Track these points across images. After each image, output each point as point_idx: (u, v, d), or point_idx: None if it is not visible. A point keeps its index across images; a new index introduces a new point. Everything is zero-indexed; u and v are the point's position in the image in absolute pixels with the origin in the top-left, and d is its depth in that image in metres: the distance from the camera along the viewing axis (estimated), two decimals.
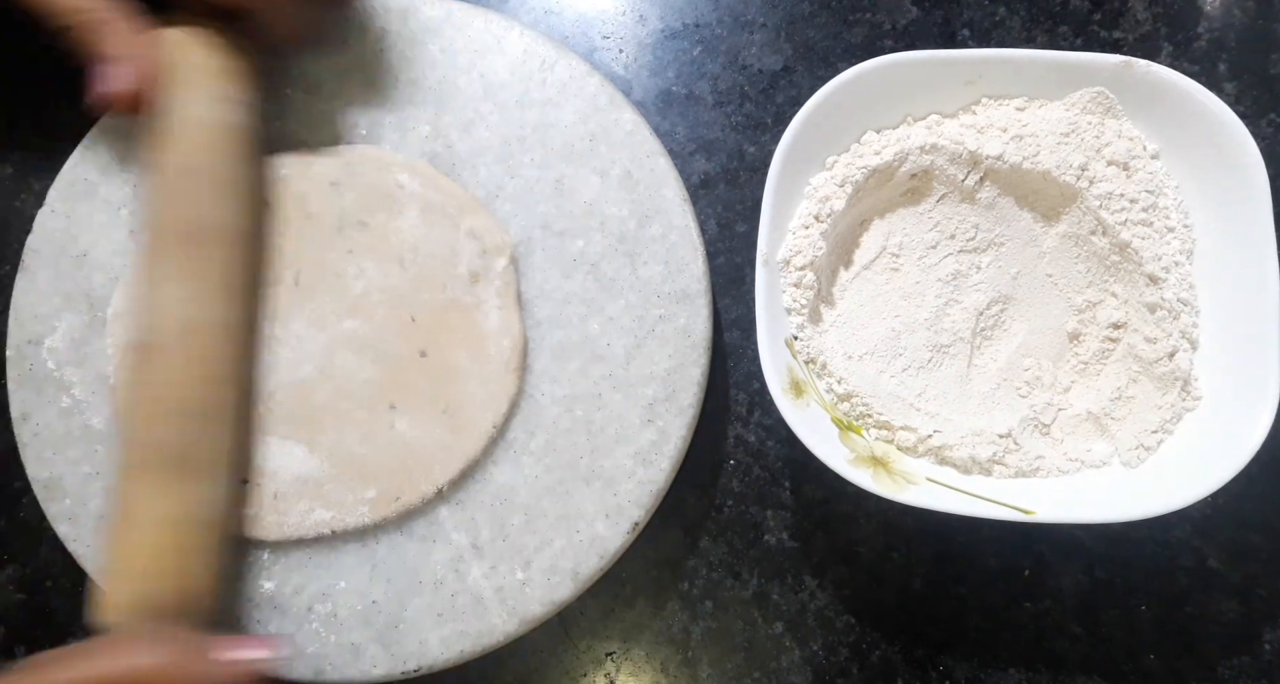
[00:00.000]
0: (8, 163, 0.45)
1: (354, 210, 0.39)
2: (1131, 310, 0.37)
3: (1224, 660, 0.39)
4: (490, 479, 0.38)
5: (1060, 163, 0.37)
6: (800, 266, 0.36)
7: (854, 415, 0.37)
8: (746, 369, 0.42)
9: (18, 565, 0.41)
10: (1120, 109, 0.38)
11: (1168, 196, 0.37)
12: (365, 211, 0.39)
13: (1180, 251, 0.37)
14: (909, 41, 0.45)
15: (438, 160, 0.40)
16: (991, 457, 0.36)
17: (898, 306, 0.39)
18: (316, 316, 0.38)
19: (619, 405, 0.38)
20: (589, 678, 0.40)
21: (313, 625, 0.36)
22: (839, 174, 0.38)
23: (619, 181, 0.39)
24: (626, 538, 0.37)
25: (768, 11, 0.45)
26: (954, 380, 0.38)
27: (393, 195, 0.39)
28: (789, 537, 0.41)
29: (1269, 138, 0.43)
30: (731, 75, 0.44)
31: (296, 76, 0.40)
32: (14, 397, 0.38)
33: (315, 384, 0.38)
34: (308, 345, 0.38)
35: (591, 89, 0.40)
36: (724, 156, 0.44)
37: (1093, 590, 0.39)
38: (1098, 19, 0.44)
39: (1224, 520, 0.40)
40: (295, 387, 0.38)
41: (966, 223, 0.39)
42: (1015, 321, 0.39)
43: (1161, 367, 0.36)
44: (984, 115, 0.38)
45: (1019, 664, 0.39)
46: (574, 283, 0.39)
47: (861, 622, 0.40)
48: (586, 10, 0.45)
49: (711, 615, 0.40)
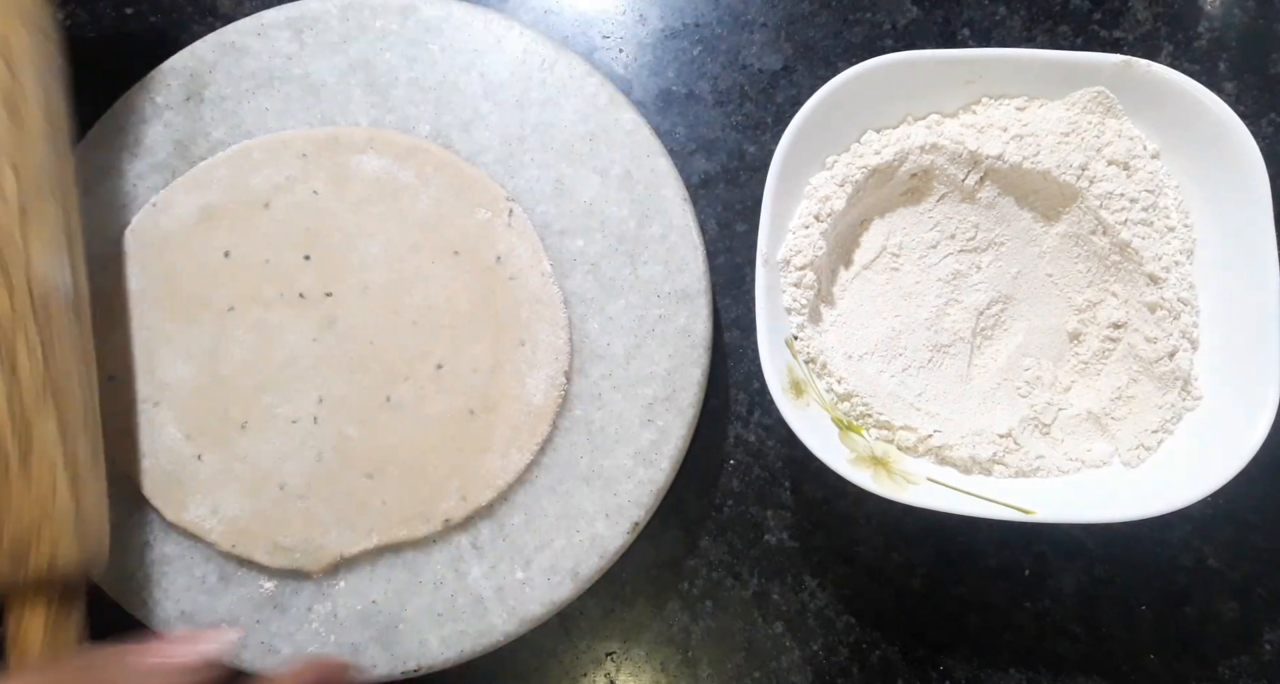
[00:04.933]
0: None
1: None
2: (1132, 310, 0.37)
3: (1224, 660, 0.39)
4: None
5: (1060, 162, 0.37)
6: (800, 266, 0.36)
7: (854, 415, 0.37)
8: (746, 369, 0.42)
9: None
10: (1120, 109, 0.38)
11: (1168, 196, 0.37)
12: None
13: (1180, 251, 0.37)
14: (909, 41, 0.45)
15: None
16: (992, 456, 0.36)
17: (898, 306, 0.39)
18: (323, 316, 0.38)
19: (619, 405, 0.38)
20: (589, 678, 0.40)
21: (313, 625, 0.36)
22: (839, 173, 0.37)
23: (619, 181, 0.39)
24: (626, 538, 0.37)
25: (768, 11, 0.45)
26: (954, 380, 0.38)
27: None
28: (789, 536, 0.41)
29: (1269, 137, 0.43)
30: (732, 75, 0.44)
31: (299, 76, 0.40)
32: None
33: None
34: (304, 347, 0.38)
35: (591, 88, 0.40)
36: (724, 156, 0.44)
37: (1093, 590, 0.39)
38: (1098, 18, 0.44)
39: (1224, 520, 0.40)
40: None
41: (967, 222, 0.39)
42: (1015, 321, 0.39)
43: (1162, 366, 0.36)
44: (984, 115, 0.38)
45: (1019, 664, 0.39)
46: (574, 282, 0.39)
47: (862, 621, 0.40)
48: (586, 10, 0.45)
49: (711, 615, 0.40)
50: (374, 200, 0.39)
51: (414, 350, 0.38)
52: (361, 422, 0.37)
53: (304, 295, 0.38)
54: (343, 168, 0.39)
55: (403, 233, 0.38)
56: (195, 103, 0.40)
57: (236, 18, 0.41)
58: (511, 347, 0.37)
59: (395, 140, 0.39)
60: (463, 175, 0.39)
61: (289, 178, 0.39)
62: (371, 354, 0.38)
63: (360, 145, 0.39)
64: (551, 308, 0.37)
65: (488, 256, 0.38)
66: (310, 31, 0.41)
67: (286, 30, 0.41)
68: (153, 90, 0.40)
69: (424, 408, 0.37)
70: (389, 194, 0.39)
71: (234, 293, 0.38)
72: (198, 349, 0.38)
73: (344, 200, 0.39)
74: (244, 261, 0.38)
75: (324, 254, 0.38)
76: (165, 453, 0.37)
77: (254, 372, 0.38)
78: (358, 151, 0.39)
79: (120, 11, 0.46)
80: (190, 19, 0.45)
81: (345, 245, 0.38)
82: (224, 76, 0.40)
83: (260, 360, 0.38)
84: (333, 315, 0.38)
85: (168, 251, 0.39)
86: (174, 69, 0.40)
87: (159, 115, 0.40)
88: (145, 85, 0.40)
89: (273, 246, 0.38)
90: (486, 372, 0.37)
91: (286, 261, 0.38)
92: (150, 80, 0.40)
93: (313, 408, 0.37)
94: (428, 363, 0.37)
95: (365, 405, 0.37)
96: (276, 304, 0.38)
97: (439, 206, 0.38)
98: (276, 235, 0.39)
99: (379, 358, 0.38)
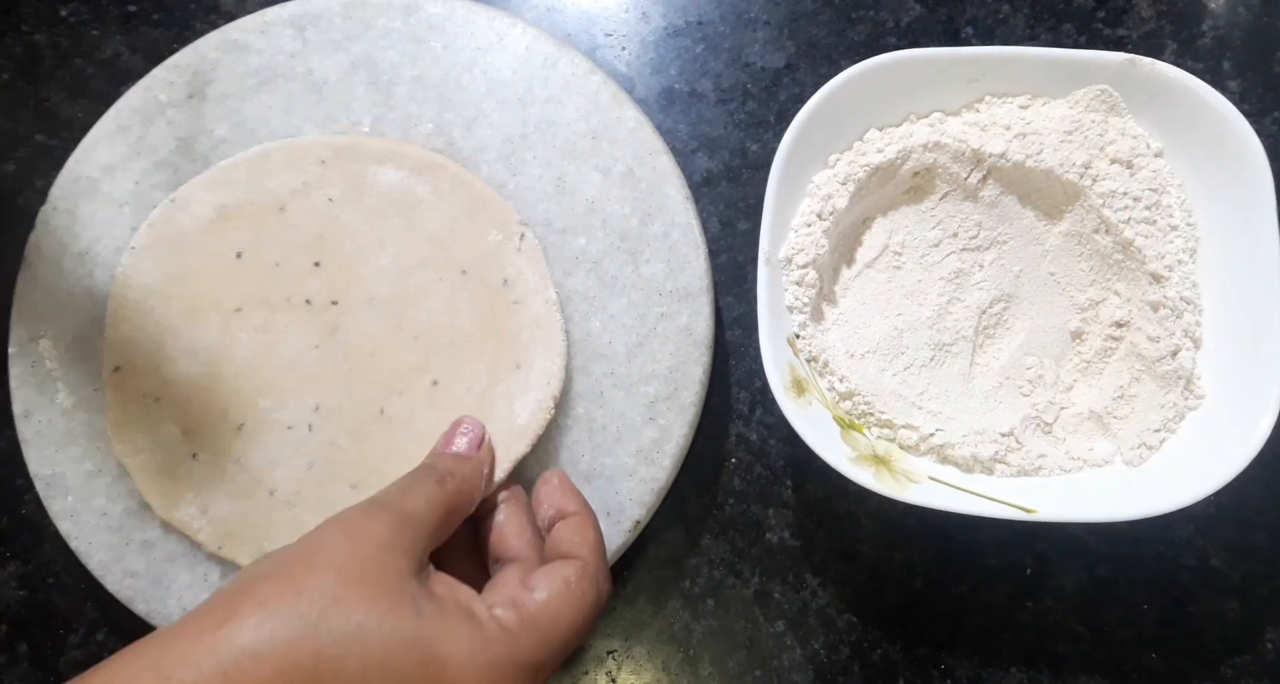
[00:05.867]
0: (10, 160, 0.45)
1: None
2: (1134, 309, 0.37)
3: (1226, 659, 0.39)
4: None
5: (1063, 161, 0.37)
6: (802, 265, 0.36)
7: (856, 414, 0.37)
8: (748, 367, 0.42)
9: (19, 562, 0.41)
10: (1124, 107, 0.37)
11: (1171, 195, 0.37)
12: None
13: (1183, 250, 0.37)
14: (912, 39, 0.44)
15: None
16: (994, 455, 0.36)
17: (900, 305, 0.39)
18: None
19: (620, 403, 0.38)
20: (590, 676, 0.40)
21: None
22: (841, 172, 0.37)
23: (621, 179, 0.39)
24: (628, 536, 0.37)
25: (771, 9, 0.45)
26: (956, 379, 0.38)
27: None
28: (791, 535, 0.41)
29: (1273, 136, 0.43)
30: (734, 73, 0.44)
31: (302, 74, 0.40)
32: (16, 394, 0.38)
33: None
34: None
35: (594, 86, 0.40)
36: (726, 154, 0.44)
37: (1095, 589, 0.39)
38: (1102, 16, 0.44)
39: (1226, 519, 0.40)
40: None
41: (969, 221, 0.39)
42: (1018, 320, 0.39)
43: (1164, 365, 0.36)
44: (987, 113, 0.38)
45: (1021, 663, 0.39)
46: (575, 281, 0.39)
47: (863, 620, 0.40)
48: (589, 7, 0.45)
49: (713, 614, 0.40)
50: (388, 212, 0.38)
51: (412, 365, 0.38)
52: (353, 432, 0.37)
53: (310, 302, 0.38)
54: (360, 177, 0.39)
55: (413, 247, 0.38)
56: (198, 100, 0.40)
57: (239, 15, 0.41)
58: (507, 369, 0.37)
59: (414, 154, 0.39)
60: (478, 195, 0.38)
61: (306, 183, 0.39)
62: (370, 366, 0.38)
63: (379, 156, 0.39)
64: (551, 334, 0.37)
65: (495, 278, 0.38)
66: (313, 29, 0.40)
67: (289, 28, 0.41)
68: (155, 87, 0.40)
69: (415, 423, 0.37)
70: (403, 207, 0.38)
71: (243, 294, 0.38)
72: (202, 347, 0.38)
73: (358, 210, 0.39)
74: (255, 263, 0.38)
75: (334, 262, 0.38)
76: (161, 448, 0.37)
77: (254, 374, 0.38)
78: (376, 162, 0.39)
79: (123, 8, 0.46)
80: (193, 16, 0.45)
81: (356, 255, 0.38)
82: (227, 74, 0.40)
83: (261, 363, 0.38)
84: (336, 324, 0.38)
85: (182, 248, 0.38)
86: (177, 66, 0.40)
87: (162, 113, 0.40)
88: (148, 82, 0.40)
89: (285, 251, 0.38)
90: (479, 392, 0.37)
91: (297, 267, 0.38)
92: (153, 77, 0.40)
93: (309, 416, 0.37)
94: (424, 379, 0.37)
95: (360, 417, 0.37)
96: (283, 308, 0.38)
97: (452, 224, 0.38)
98: (289, 240, 0.38)
99: (377, 370, 0.38)
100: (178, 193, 0.39)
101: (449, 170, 0.39)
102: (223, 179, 0.39)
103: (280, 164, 0.39)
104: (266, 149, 0.39)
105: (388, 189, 0.39)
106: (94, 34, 0.46)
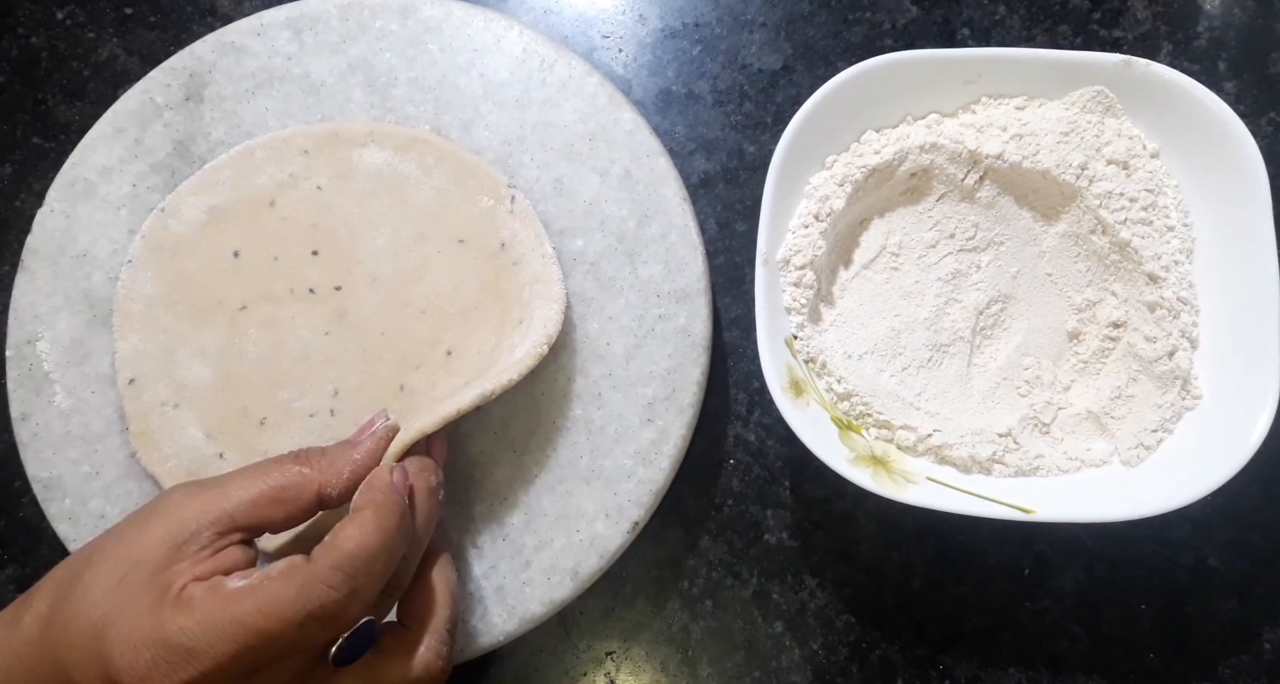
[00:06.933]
0: (8, 163, 0.45)
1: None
2: (1131, 309, 0.37)
3: (1224, 659, 0.39)
4: (490, 478, 0.38)
5: (1060, 162, 0.37)
6: (800, 266, 0.36)
7: (854, 414, 0.37)
8: (746, 368, 0.42)
9: (17, 565, 0.41)
10: (1120, 108, 0.38)
11: (1167, 195, 0.37)
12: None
13: (1180, 251, 0.37)
14: (909, 41, 0.45)
15: None
16: (991, 456, 0.36)
17: (897, 306, 0.39)
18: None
19: (619, 404, 0.38)
20: (589, 677, 0.40)
21: None
22: (839, 173, 0.37)
23: (618, 181, 0.39)
24: (626, 537, 0.37)
25: (767, 11, 0.45)
26: (954, 379, 0.38)
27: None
28: (789, 536, 0.41)
29: (1269, 137, 0.43)
30: (731, 74, 0.44)
31: (299, 76, 0.40)
32: (13, 396, 0.38)
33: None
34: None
35: (591, 88, 0.40)
36: (724, 156, 0.44)
37: (1092, 589, 0.39)
38: (1097, 18, 0.44)
39: (1224, 519, 0.40)
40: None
41: (966, 222, 0.39)
42: (1015, 321, 0.39)
43: (1161, 366, 0.36)
44: (984, 114, 0.38)
45: (1019, 663, 0.39)
46: (573, 282, 0.39)
47: (861, 621, 0.40)
48: (586, 9, 0.45)
49: (711, 615, 0.40)
50: (377, 193, 0.39)
51: (424, 339, 0.38)
52: (375, 411, 0.37)
53: (314, 290, 0.38)
54: (344, 162, 0.39)
55: (408, 224, 0.38)
56: (195, 103, 0.40)
57: (236, 18, 0.41)
58: (511, 326, 0.37)
59: (395, 132, 0.39)
60: (464, 164, 0.39)
61: (292, 175, 0.39)
62: (383, 345, 0.38)
63: (361, 139, 0.39)
64: (549, 284, 0.37)
65: (492, 243, 0.38)
66: (310, 31, 0.40)
67: (286, 30, 0.41)
68: (152, 90, 0.40)
69: (436, 393, 0.37)
70: (392, 186, 0.39)
71: (245, 292, 0.38)
72: (213, 349, 0.38)
73: (348, 194, 0.39)
74: (253, 260, 0.38)
75: (331, 249, 0.38)
76: (187, 453, 0.37)
77: (270, 368, 0.38)
78: (359, 145, 0.39)
79: (120, 11, 0.46)
80: (189, 19, 0.45)
81: (351, 239, 0.39)
82: (224, 76, 0.40)
83: (275, 356, 0.38)
84: (343, 308, 0.38)
85: (178, 255, 0.39)
86: (173, 69, 0.40)
87: (159, 115, 0.40)
88: (144, 85, 0.40)
89: (281, 244, 0.39)
90: (488, 352, 0.37)
91: (295, 258, 0.38)
92: (149, 80, 0.40)
93: (328, 401, 0.38)
94: (438, 350, 0.38)
95: (380, 395, 0.38)
96: (288, 300, 0.38)
97: (442, 196, 0.38)
98: (284, 233, 0.39)
99: (391, 348, 0.38)
100: (166, 201, 0.39)
101: (432, 144, 0.39)
102: (210, 181, 0.39)
103: (264, 159, 0.39)
104: (249, 146, 0.39)
105: (374, 170, 0.39)
106: (90, 37, 0.45)
